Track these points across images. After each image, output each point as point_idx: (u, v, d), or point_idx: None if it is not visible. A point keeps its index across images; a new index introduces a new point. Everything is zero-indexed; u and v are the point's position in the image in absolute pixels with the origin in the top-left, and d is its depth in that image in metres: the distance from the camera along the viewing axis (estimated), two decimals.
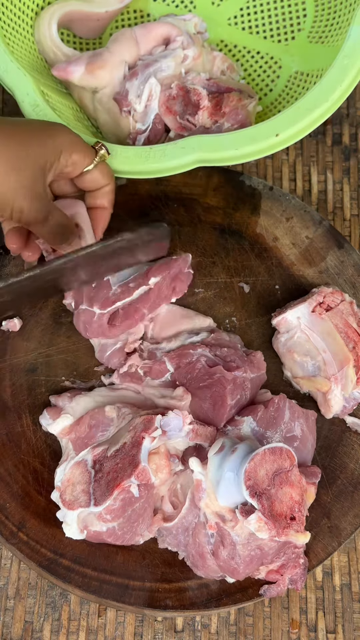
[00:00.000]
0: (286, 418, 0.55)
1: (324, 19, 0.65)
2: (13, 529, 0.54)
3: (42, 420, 0.57)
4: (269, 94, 0.69)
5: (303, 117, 0.54)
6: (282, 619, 0.57)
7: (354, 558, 0.59)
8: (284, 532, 0.48)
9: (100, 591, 0.53)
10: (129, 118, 0.62)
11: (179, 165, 0.55)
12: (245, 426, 0.54)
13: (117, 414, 0.54)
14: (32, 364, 0.59)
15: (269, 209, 0.64)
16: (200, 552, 0.51)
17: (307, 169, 0.70)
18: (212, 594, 0.53)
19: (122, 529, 0.51)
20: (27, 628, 0.56)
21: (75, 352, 0.59)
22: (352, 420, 0.58)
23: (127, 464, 0.50)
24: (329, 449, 0.57)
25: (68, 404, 0.56)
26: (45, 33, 0.64)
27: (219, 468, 0.50)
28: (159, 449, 0.52)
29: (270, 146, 0.54)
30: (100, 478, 0.51)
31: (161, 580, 0.54)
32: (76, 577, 0.53)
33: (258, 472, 0.48)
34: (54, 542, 0.54)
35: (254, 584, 0.53)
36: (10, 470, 0.56)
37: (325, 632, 0.57)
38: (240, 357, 0.57)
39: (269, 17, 0.69)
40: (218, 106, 0.61)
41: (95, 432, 0.54)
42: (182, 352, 0.57)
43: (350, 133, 0.71)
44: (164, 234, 0.54)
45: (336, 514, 0.56)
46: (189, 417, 0.52)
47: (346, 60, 0.54)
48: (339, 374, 0.56)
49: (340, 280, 0.62)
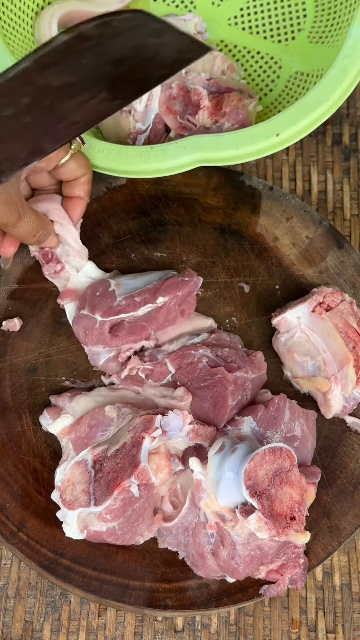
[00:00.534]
0: (286, 418, 0.55)
1: (324, 19, 0.65)
2: (13, 529, 0.54)
3: (42, 420, 0.57)
4: (269, 94, 0.68)
5: (303, 117, 0.54)
6: (282, 618, 0.57)
7: (354, 558, 0.58)
8: (284, 532, 0.48)
9: (100, 591, 0.53)
10: (129, 118, 0.62)
11: (180, 165, 0.55)
12: (245, 426, 0.54)
13: (117, 414, 0.54)
14: (32, 363, 0.59)
15: (269, 209, 0.64)
16: (200, 552, 0.51)
17: (307, 169, 0.70)
18: (212, 593, 0.53)
19: (122, 528, 0.51)
20: (27, 628, 0.56)
21: (75, 352, 0.59)
22: (352, 420, 0.58)
23: (127, 463, 0.50)
24: (329, 448, 0.57)
25: (68, 404, 0.56)
26: (45, 33, 0.64)
27: (219, 468, 0.50)
28: (159, 448, 0.52)
29: (270, 146, 0.54)
30: (100, 478, 0.51)
31: (161, 580, 0.54)
32: (76, 577, 0.53)
33: (258, 472, 0.48)
34: (54, 542, 0.54)
35: (254, 584, 0.53)
36: (10, 470, 0.56)
37: (325, 632, 0.57)
38: (241, 357, 0.57)
39: (269, 17, 0.69)
40: (218, 106, 0.61)
41: (96, 432, 0.54)
42: (184, 353, 0.57)
43: (350, 133, 0.71)
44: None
45: (336, 513, 0.56)
46: (189, 417, 0.52)
47: (346, 60, 0.54)
48: (339, 374, 0.56)
49: (340, 280, 0.62)
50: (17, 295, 0.61)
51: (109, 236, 0.63)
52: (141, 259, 0.62)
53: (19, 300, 0.60)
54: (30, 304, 0.60)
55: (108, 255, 0.62)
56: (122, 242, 0.63)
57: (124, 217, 0.63)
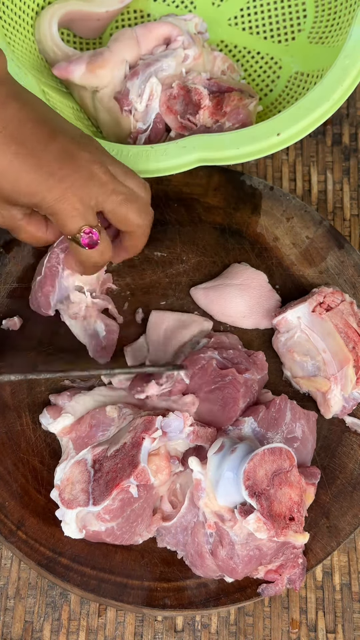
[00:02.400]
0: (287, 419, 0.55)
1: (324, 20, 0.66)
2: (12, 528, 0.54)
3: (42, 419, 0.57)
4: (270, 94, 0.69)
5: (304, 117, 0.54)
6: (282, 618, 0.57)
7: (354, 558, 0.58)
8: (283, 532, 0.48)
9: (98, 590, 0.53)
10: (129, 117, 0.62)
11: (180, 165, 0.55)
12: (246, 426, 0.54)
13: (118, 414, 0.54)
14: (32, 362, 0.59)
15: (269, 209, 0.64)
16: (199, 551, 0.51)
17: (307, 169, 0.70)
18: (210, 593, 0.53)
19: (120, 529, 0.51)
20: (27, 628, 0.56)
21: (75, 351, 0.59)
22: (352, 420, 0.58)
23: (126, 464, 0.50)
24: (328, 449, 0.57)
25: (68, 403, 0.56)
26: (45, 32, 0.64)
27: (219, 468, 0.50)
28: (159, 450, 0.52)
29: (271, 146, 0.54)
30: (100, 478, 0.51)
31: (160, 579, 0.54)
32: (75, 575, 0.53)
33: (257, 472, 0.48)
34: (52, 540, 0.54)
35: (253, 584, 0.53)
36: (9, 468, 0.56)
37: (325, 632, 0.57)
38: (246, 358, 0.57)
39: (269, 18, 0.69)
40: (219, 106, 0.61)
41: (96, 432, 0.54)
42: (193, 359, 0.56)
43: (350, 133, 0.71)
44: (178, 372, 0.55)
45: (335, 514, 0.56)
46: (189, 419, 0.52)
47: (347, 60, 0.54)
48: (338, 374, 0.56)
49: (340, 281, 0.62)
50: (17, 293, 0.61)
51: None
52: (141, 259, 0.62)
53: (19, 298, 0.61)
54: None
55: None
56: None
57: None
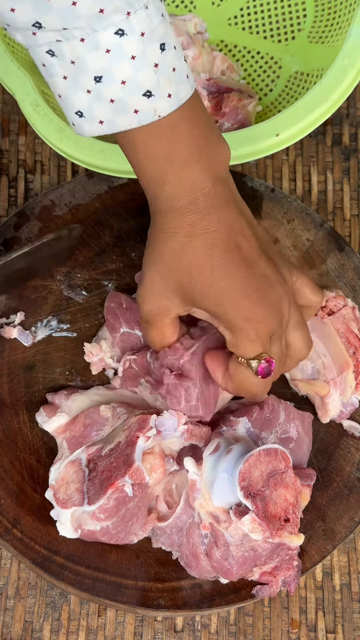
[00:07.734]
0: (281, 419, 0.55)
1: (324, 19, 0.65)
2: (7, 526, 0.54)
3: (38, 417, 0.57)
4: (269, 94, 0.68)
5: (303, 117, 0.54)
6: (282, 618, 0.57)
7: (354, 558, 0.58)
8: (278, 533, 0.48)
9: (93, 589, 0.53)
10: None
11: None
12: (240, 427, 0.54)
13: (112, 414, 0.55)
14: (31, 361, 0.59)
15: (270, 211, 0.64)
16: (193, 552, 0.51)
17: (307, 169, 0.70)
18: (205, 594, 0.53)
19: (115, 528, 0.51)
20: (27, 628, 0.57)
21: (73, 350, 0.60)
22: (349, 423, 0.58)
23: (121, 463, 0.50)
24: (325, 451, 0.57)
25: (64, 402, 0.56)
26: None
27: (214, 468, 0.50)
28: (154, 448, 0.52)
29: (270, 146, 0.54)
30: (94, 477, 0.51)
31: (154, 579, 0.54)
32: (69, 574, 0.53)
33: (252, 473, 0.48)
34: (48, 539, 0.54)
35: (247, 585, 0.53)
36: (5, 466, 0.56)
37: (325, 632, 0.56)
38: None
39: (269, 17, 0.69)
40: (218, 106, 0.61)
41: (90, 431, 0.54)
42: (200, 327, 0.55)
43: (350, 133, 0.71)
44: None
45: (331, 517, 0.55)
46: (184, 418, 0.52)
47: (346, 60, 0.54)
48: (338, 379, 0.56)
49: (340, 284, 0.62)
50: (16, 292, 0.61)
51: (110, 235, 0.63)
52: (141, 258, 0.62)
53: (18, 297, 0.61)
54: (30, 301, 0.61)
55: (108, 254, 0.62)
56: (123, 241, 0.63)
57: (125, 216, 0.63)
